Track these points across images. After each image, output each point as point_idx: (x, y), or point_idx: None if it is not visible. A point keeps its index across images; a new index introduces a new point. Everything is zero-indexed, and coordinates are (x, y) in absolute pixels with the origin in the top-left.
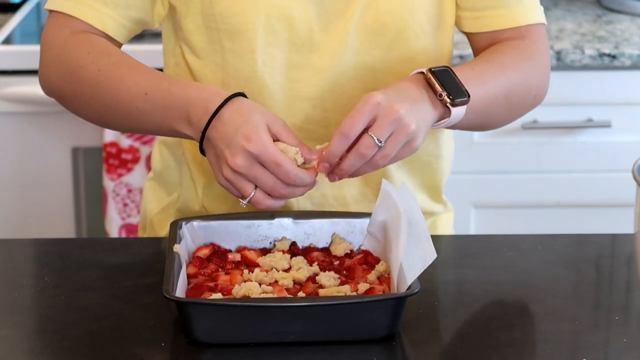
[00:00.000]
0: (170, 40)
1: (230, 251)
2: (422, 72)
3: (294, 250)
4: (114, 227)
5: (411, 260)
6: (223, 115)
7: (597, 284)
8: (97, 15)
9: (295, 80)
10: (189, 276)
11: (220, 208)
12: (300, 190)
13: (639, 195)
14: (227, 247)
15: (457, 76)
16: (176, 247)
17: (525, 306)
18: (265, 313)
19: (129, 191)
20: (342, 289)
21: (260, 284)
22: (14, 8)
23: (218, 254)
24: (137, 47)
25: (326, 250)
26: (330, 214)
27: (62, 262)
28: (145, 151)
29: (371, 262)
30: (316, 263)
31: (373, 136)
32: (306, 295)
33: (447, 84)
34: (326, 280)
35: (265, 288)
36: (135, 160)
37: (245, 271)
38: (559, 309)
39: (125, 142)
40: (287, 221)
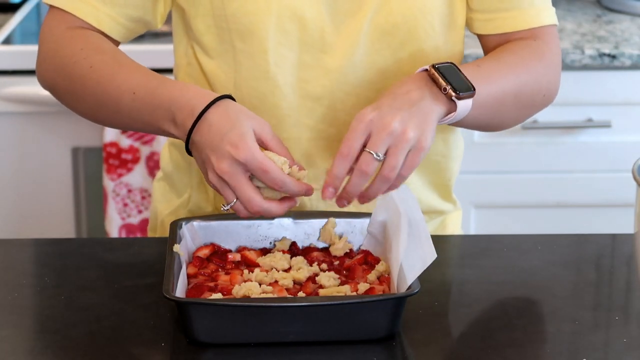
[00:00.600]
0: (182, 41)
1: (230, 251)
2: (426, 69)
3: (294, 250)
4: (114, 227)
5: (411, 260)
6: (208, 119)
7: (597, 284)
8: (94, 12)
9: (306, 80)
10: (189, 276)
11: None
12: (275, 209)
13: (639, 195)
14: (227, 247)
15: (462, 72)
16: (176, 247)
17: (525, 306)
18: (265, 313)
19: (129, 191)
20: (342, 289)
21: (260, 284)
22: (14, 8)
23: (218, 254)
24: (137, 47)
25: (326, 250)
26: (330, 214)
27: (62, 262)
28: (145, 151)
29: (371, 262)
30: (316, 263)
31: (371, 152)
32: (306, 295)
33: (451, 78)
34: (326, 281)
35: (265, 288)
36: (135, 160)
37: (245, 271)
38: (559, 309)
39: (125, 142)
40: (287, 221)
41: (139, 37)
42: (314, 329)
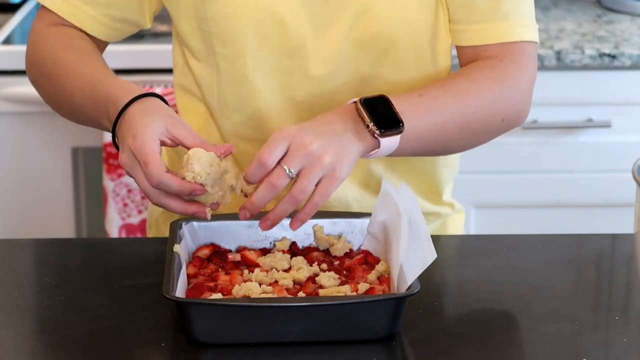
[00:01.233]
0: (177, 41)
1: (230, 251)
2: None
3: (294, 250)
4: (114, 227)
5: (411, 260)
6: (126, 114)
7: (597, 284)
8: (75, 12)
9: (287, 84)
10: (189, 276)
11: (228, 207)
12: (174, 205)
13: (639, 195)
14: (227, 247)
15: (393, 105)
16: (176, 247)
17: (525, 306)
18: (265, 313)
19: (129, 191)
20: (342, 289)
21: (260, 284)
22: (14, 8)
23: (218, 254)
24: (138, 47)
25: (326, 250)
26: (330, 214)
27: (62, 262)
28: None
29: (371, 262)
30: (316, 263)
31: (284, 167)
32: (306, 295)
33: (378, 114)
34: (326, 281)
35: (265, 288)
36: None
37: (245, 271)
38: (559, 309)
39: None
40: (287, 221)
41: (139, 37)
42: (314, 329)
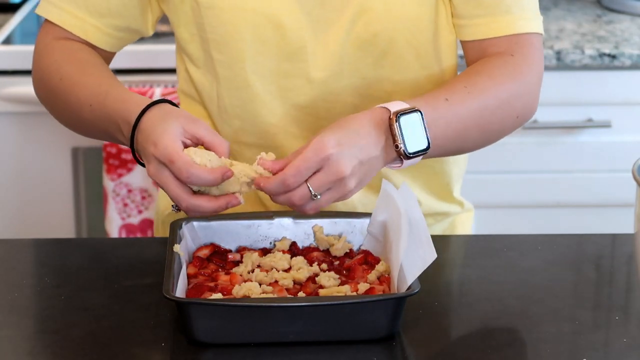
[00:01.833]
0: (178, 47)
1: (230, 251)
2: (389, 109)
3: (294, 250)
4: (114, 227)
5: (411, 260)
6: (140, 126)
7: (597, 284)
8: (80, 24)
9: (288, 88)
10: (189, 276)
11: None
12: (206, 205)
13: (639, 195)
14: (227, 247)
15: (424, 121)
16: (176, 247)
17: (525, 306)
18: (265, 313)
19: (129, 191)
20: (342, 289)
21: (260, 284)
22: (14, 8)
23: (218, 254)
24: (138, 47)
25: (326, 250)
26: (330, 214)
27: (62, 262)
28: None
29: (371, 262)
30: (316, 263)
31: (311, 189)
32: (306, 295)
33: (408, 133)
34: (326, 281)
35: (265, 288)
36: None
37: (246, 271)
38: (559, 309)
39: None
40: (287, 221)
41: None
42: (314, 329)
